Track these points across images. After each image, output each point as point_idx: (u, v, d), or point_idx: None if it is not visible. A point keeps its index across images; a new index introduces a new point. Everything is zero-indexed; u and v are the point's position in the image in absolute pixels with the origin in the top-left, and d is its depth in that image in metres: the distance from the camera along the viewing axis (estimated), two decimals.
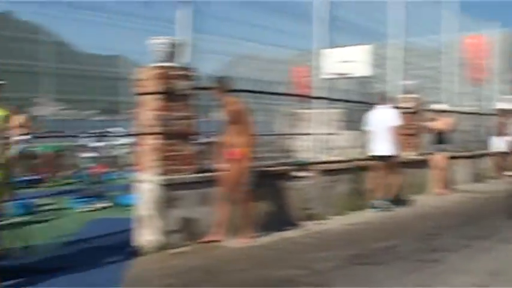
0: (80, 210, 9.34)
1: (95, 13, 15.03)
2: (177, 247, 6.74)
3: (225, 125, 7.10)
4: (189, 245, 6.87)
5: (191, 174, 7.00)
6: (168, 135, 6.78)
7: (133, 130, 7.34)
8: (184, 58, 7.26)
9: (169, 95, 6.78)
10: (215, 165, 7.30)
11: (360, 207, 9.61)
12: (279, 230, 7.82)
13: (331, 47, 10.41)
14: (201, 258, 6.42)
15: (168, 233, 6.72)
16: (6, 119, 4.95)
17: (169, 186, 6.75)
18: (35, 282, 5.48)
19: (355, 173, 9.74)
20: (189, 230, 6.95)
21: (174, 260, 6.33)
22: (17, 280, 5.51)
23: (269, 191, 8.02)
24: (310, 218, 8.61)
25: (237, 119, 6.98)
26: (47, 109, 16.72)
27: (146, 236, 6.72)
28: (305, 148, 9.29)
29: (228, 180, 7.01)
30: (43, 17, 16.27)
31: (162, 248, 6.61)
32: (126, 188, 9.25)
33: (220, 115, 7.13)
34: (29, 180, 13.09)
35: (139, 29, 15.18)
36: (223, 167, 7.08)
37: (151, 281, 5.54)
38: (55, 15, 16.02)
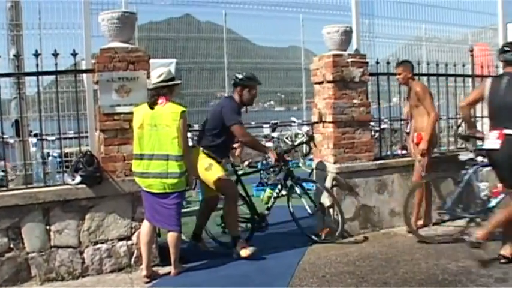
0: (261, 197, 9.75)
1: (268, 7, 15.45)
2: (354, 234, 6.79)
3: (413, 108, 6.99)
4: (366, 233, 6.89)
5: (368, 161, 6.98)
6: (343, 123, 6.82)
7: (308, 119, 7.47)
8: (358, 45, 7.25)
9: (343, 83, 6.81)
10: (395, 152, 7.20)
11: None
12: (459, 218, 7.49)
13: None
14: (376, 246, 6.40)
15: (344, 220, 6.77)
16: (183, 114, 5.31)
17: (346, 174, 6.80)
18: (217, 265, 5.87)
19: None
20: (365, 218, 6.96)
21: (350, 247, 6.37)
22: (201, 262, 5.96)
23: (449, 177, 7.71)
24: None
25: (421, 103, 6.81)
26: None
27: (324, 223, 6.83)
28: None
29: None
30: (219, 17, 17.05)
31: (339, 235, 6.68)
32: (305, 176, 9.46)
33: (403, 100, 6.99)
34: None
35: (314, 19, 15.38)
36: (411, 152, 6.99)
37: (325, 268, 5.63)
38: (230, 13, 16.84)
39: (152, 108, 5.33)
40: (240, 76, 6.38)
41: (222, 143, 6.20)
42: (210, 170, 6.03)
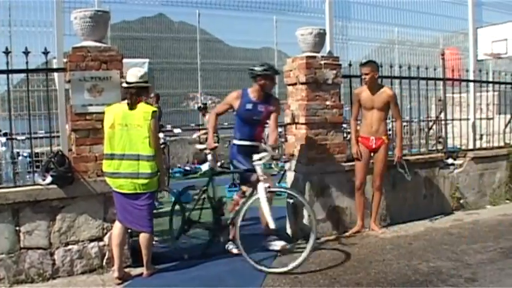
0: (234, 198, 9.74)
1: (242, 8, 15.44)
2: (326, 236, 6.82)
3: (370, 111, 6.97)
4: (338, 234, 6.93)
5: (340, 163, 7.01)
6: (316, 124, 6.85)
7: (281, 120, 7.47)
8: (331, 47, 7.29)
9: (316, 85, 6.84)
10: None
11: None
12: (429, 219, 7.62)
13: (483, 26, 9.83)
14: (348, 247, 6.42)
15: (316, 221, 6.80)
16: (154, 114, 5.29)
17: (318, 175, 6.82)
18: (189, 266, 5.84)
19: None
20: (337, 219, 7.00)
21: (322, 248, 6.39)
22: (172, 264, 5.92)
23: (419, 179, 7.82)
24: (462, 207, 8.29)
25: (386, 106, 6.86)
26: (202, 102, 17.54)
27: (296, 224, 6.85)
28: (458, 134, 8.91)
29: (364, 168, 6.98)
30: (192, 17, 17.02)
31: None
32: (278, 177, 9.47)
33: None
34: (187, 170, 13.96)
35: (288, 20, 15.43)
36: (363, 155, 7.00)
37: (298, 269, 5.59)
38: (204, 14, 16.83)
39: (132, 109, 5.28)
40: None
41: None
42: None
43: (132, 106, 5.29)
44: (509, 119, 9.33)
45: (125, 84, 5.40)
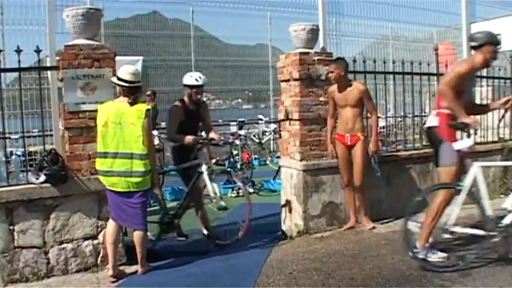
0: (229, 195, 9.76)
1: (236, 5, 15.44)
2: (321, 231, 6.83)
3: (344, 108, 6.90)
4: (332, 230, 6.94)
5: (333, 158, 7.01)
6: (309, 120, 6.86)
7: (276, 117, 7.48)
8: (325, 43, 7.29)
9: (309, 81, 6.85)
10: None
11: None
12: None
13: (476, 21, 9.83)
14: (343, 242, 6.44)
15: (311, 217, 6.83)
16: (148, 112, 5.29)
17: (312, 171, 6.84)
18: (184, 263, 5.85)
19: (507, 155, 9.09)
20: (332, 215, 7.01)
21: (317, 244, 6.41)
22: (168, 261, 5.94)
23: (414, 174, 7.83)
24: None
25: (359, 102, 6.81)
26: None
27: (291, 220, 6.87)
28: None
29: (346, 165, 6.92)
30: (186, 14, 16.99)
31: (306, 232, 6.73)
32: (272, 174, 9.50)
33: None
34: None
35: (281, 17, 15.43)
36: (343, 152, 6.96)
37: (292, 265, 5.66)
38: (197, 11, 16.82)
39: (131, 105, 5.29)
40: None
41: None
42: None
43: (132, 103, 5.30)
44: (503, 114, 9.33)
45: (116, 81, 5.39)
